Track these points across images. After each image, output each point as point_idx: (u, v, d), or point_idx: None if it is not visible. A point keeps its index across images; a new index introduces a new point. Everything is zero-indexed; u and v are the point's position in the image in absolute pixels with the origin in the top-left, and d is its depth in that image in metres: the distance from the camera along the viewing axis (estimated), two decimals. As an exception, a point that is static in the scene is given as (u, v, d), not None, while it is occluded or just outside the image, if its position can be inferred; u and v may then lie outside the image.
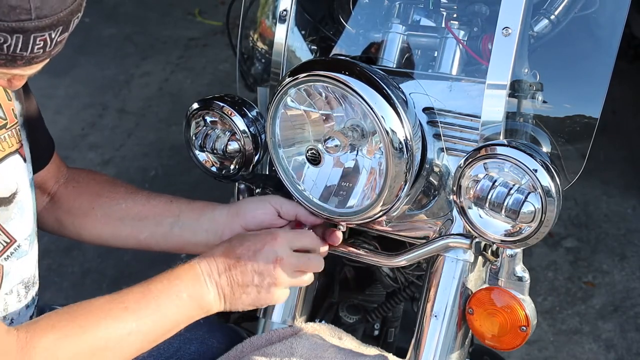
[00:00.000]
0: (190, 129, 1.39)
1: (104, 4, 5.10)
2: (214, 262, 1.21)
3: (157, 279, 1.18)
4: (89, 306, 1.14)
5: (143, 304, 1.15)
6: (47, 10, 0.95)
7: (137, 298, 1.15)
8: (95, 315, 1.13)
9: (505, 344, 1.26)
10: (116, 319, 1.13)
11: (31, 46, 0.96)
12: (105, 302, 1.15)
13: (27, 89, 1.31)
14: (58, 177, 1.43)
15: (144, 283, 1.18)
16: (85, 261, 2.97)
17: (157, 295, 1.16)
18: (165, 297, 1.16)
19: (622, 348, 2.52)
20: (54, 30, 0.97)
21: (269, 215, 1.32)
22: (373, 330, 1.69)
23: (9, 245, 1.22)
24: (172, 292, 1.17)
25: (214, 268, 1.20)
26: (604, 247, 2.94)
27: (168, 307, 1.16)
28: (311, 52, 1.45)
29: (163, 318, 1.16)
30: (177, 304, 1.17)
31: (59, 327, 1.09)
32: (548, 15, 1.28)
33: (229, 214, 1.34)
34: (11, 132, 1.23)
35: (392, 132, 1.16)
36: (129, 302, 1.15)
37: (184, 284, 1.18)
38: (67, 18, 0.98)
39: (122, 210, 1.39)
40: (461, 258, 1.27)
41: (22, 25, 0.93)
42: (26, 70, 1.02)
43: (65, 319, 1.11)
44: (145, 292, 1.16)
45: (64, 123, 3.83)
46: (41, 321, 1.11)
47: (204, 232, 1.35)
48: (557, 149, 1.25)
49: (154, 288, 1.17)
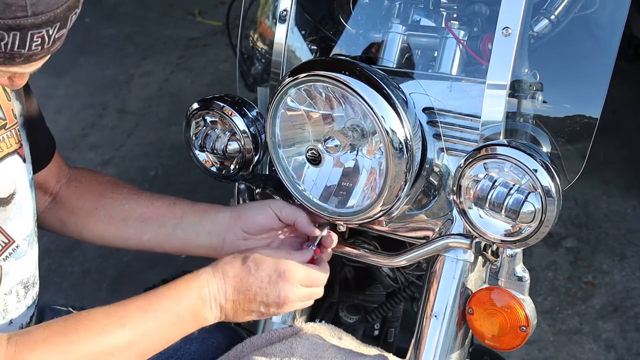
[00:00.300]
0: (190, 129, 1.39)
1: (104, 4, 5.10)
2: (223, 285, 1.19)
3: (161, 293, 1.16)
4: (84, 319, 1.12)
5: (142, 321, 1.13)
6: (43, 7, 0.94)
7: (136, 315, 1.13)
8: (89, 330, 1.10)
9: (505, 344, 1.26)
10: (111, 335, 1.10)
11: (29, 43, 0.95)
12: (103, 315, 1.12)
13: (28, 89, 1.31)
14: (59, 177, 1.43)
15: (146, 296, 1.16)
16: (85, 261, 2.97)
17: (159, 313, 1.14)
18: (166, 317, 1.14)
19: (622, 348, 2.52)
20: (51, 26, 0.96)
21: (270, 219, 1.33)
22: (373, 330, 1.69)
23: (7, 246, 1.22)
24: (174, 311, 1.15)
25: (222, 292, 1.19)
26: (604, 247, 2.94)
27: (167, 326, 1.15)
28: (311, 52, 1.45)
29: (160, 336, 1.15)
30: (177, 323, 1.16)
31: (49, 341, 1.07)
32: (548, 15, 1.28)
33: (231, 217, 1.34)
34: (10, 132, 1.22)
35: (392, 132, 1.16)
36: (127, 319, 1.12)
37: (188, 304, 1.16)
38: (64, 14, 0.97)
39: (126, 211, 1.39)
40: (461, 258, 1.27)
41: (19, 22, 0.93)
42: (26, 68, 1.01)
43: (57, 332, 1.09)
44: (145, 309, 1.14)
45: (64, 123, 3.83)
46: (33, 333, 1.09)
47: (207, 234, 1.35)
48: (557, 149, 1.25)
49: (157, 305, 1.15)
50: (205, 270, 1.21)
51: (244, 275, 1.19)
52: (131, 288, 2.62)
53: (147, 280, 2.02)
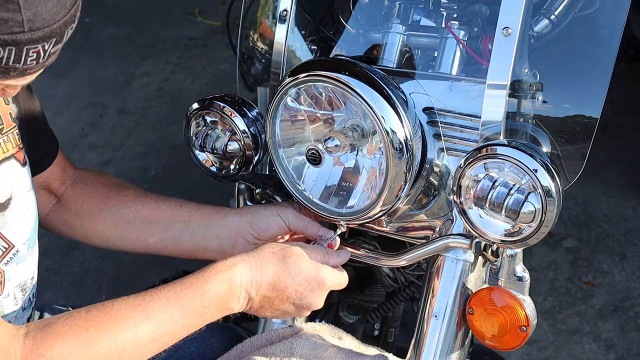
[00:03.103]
0: (190, 129, 1.39)
1: (104, 4, 5.10)
2: (259, 279, 1.16)
3: (188, 283, 1.12)
4: (108, 311, 1.08)
5: (167, 314, 1.09)
6: (40, 23, 0.93)
7: (162, 307, 1.09)
8: (113, 323, 1.06)
9: (505, 344, 1.26)
10: (135, 328, 1.07)
11: (24, 58, 0.95)
12: (127, 307, 1.08)
13: (30, 90, 1.30)
14: (63, 179, 1.43)
15: (175, 286, 1.12)
16: (85, 261, 2.97)
17: (184, 306, 1.10)
18: (192, 309, 1.11)
19: (622, 348, 2.52)
20: (47, 42, 0.96)
21: (282, 229, 1.34)
22: (373, 330, 1.69)
23: (7, 251, 1.21)
24: (201, 302, 1.12)
25: (255, 286, 1.16)
26: (604, 247, 2.94)
27: (193, 317, 1.12)
28: (311, 52, 1.45)
29: (184, 328, 1.12)
30: (202, 314, 1.12)
31: (70, 336, 1.03)
32: (548, 15, 1.28)
33: (241, 222, 1.34)
34: (7, 137, 1.22)
35: (392, 132, 1.16)
36: (152, 312, 1.08)
37: (216, 295, 1.13)
38: (60, 29, 0.97)
39: (131, 213, 1.38)
40: (461, 258, 1.27)
41: (15, 37, 0.92)
42: (19, 81, 1.00)
43: (78, 325, 1.05)
44: (171, 301, 1.10)
45: (64, 123, 3.83)
46: (52, 326, 1.04)
47: (215, 237, 1.35)
48: (557, 149, 1.25)
49: (183, 296, 1.11)
50: (242, 258, 1.17)
51: (283, 275, 1.17)
52: (131, 288, 2.62)
53: (147, 280, 2.02)
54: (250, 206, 1.44)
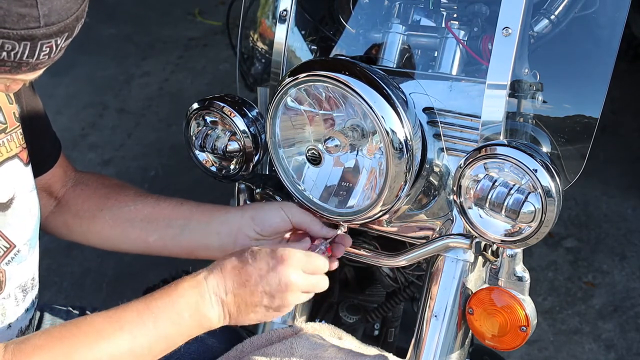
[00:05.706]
0: (190, 129, 1.39)
1: (104, 4, 5.10)
2: (222, 278, 1.15)
3: (159, 295, 1.13)
4: (82, 325, 1.10)
5: (139, 323, 1.10)
6: (55, 18, 0.95)
7: (135, 318, 1.10)
8: (87, 335, 1.08)
9: (505, 344, 1.26)
10: (109, 339, 1.08)
11: (37, 53, 0.97)
12: (101, 320, 1.10)
13: (33, 90, 1.31)
14: (65, 181, 1.42)
15: (145, 298, 1.13)
16: (85, 261, 2.97)
17: (156, 314, 1.11)
18: (165, 317, 1.11)
19: (622, 348, 2.52)
20: (60, 36, 0.98)
21: (284, 223, 1.32)
22: (373, 330, 1.69)
23: (9, 251, 1.21)
24: (173, 311, 1.12)
25: (222, 286, 1.15)
26: (604, 247, 2.94)
27: (166, 326, 1.12)
28: (311, 52, 1.45)
29: (160, 338, 1.11)
30: (176, 323, 1.12)
31: (46, 349, 1.05)
32: (548, 15, 1.28)
33: (243, 218, 1.33)
34: (10, 136, 1.22)
35: (392, 132, 1.16)
36: (125, 323, 1.10)
37: (186, 302, 1.13)
38: (72, 24, 0.99)
39: (131, 212, 1.37)
40: (461, 258, 1.27)
41: (31, 32, 0.94)
42: (29, 76, 1.02)
43: (55, 338, 1.07)
44: (142, 311, 1.11)
45: (64, 123, 3.83)
46: (30, 340, 1.07)
47: (216, 235, 1.34)
48: (557, 149, 1.25)
49: (154, 306, 1.12)
50: (202, 269, 1.18)
51: (242, 266, 1.15)
52: (131, 288, 2.63)
53: (147, 280, 2.02)
54: (252, 203, 1.43)
